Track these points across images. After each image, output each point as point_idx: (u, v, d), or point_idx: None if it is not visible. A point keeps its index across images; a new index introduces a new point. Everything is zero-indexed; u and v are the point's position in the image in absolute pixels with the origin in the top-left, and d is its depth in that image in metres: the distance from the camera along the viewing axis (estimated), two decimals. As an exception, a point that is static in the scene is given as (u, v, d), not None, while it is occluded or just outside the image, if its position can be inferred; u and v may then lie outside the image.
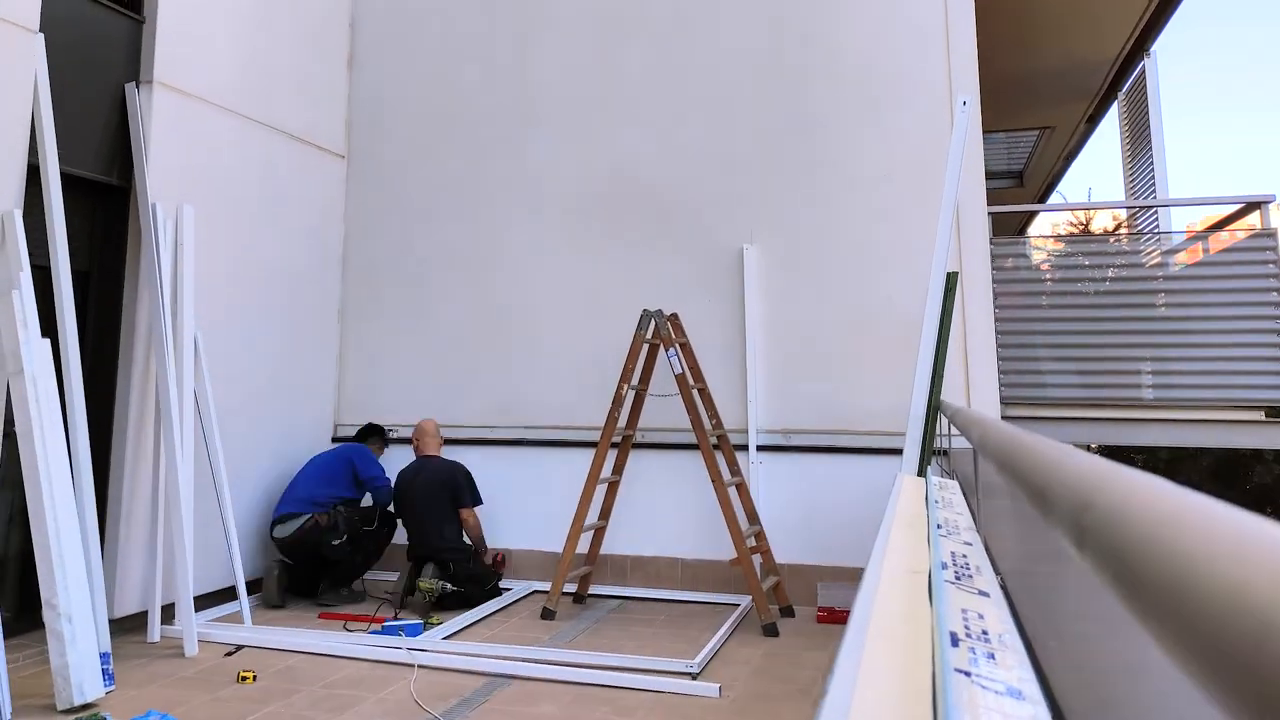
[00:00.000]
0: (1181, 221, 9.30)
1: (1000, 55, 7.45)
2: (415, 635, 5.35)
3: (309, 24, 7.22)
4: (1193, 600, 0.39)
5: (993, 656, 1.12)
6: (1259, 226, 6.59)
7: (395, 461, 6.72)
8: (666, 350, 6.08)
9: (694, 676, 4.66)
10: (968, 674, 1.01)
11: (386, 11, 7.76)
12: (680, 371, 5.99)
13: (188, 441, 5.47)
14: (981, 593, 1.55)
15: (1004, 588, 1.78)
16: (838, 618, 5.68)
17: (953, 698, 0.90)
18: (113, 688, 4.43)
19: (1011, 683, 1.01)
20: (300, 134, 7.06)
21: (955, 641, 1.15)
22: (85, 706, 4.20)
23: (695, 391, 6.05)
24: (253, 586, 6.13)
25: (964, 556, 1.86)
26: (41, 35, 4.95)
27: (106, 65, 5.60)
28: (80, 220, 5.42)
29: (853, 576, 6.04)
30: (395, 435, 7.09)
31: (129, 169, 5.66)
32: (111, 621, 4.96)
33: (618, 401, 6.06)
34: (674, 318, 6.35)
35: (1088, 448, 7.13)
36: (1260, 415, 6.46)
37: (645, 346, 6.20)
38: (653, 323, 6.17)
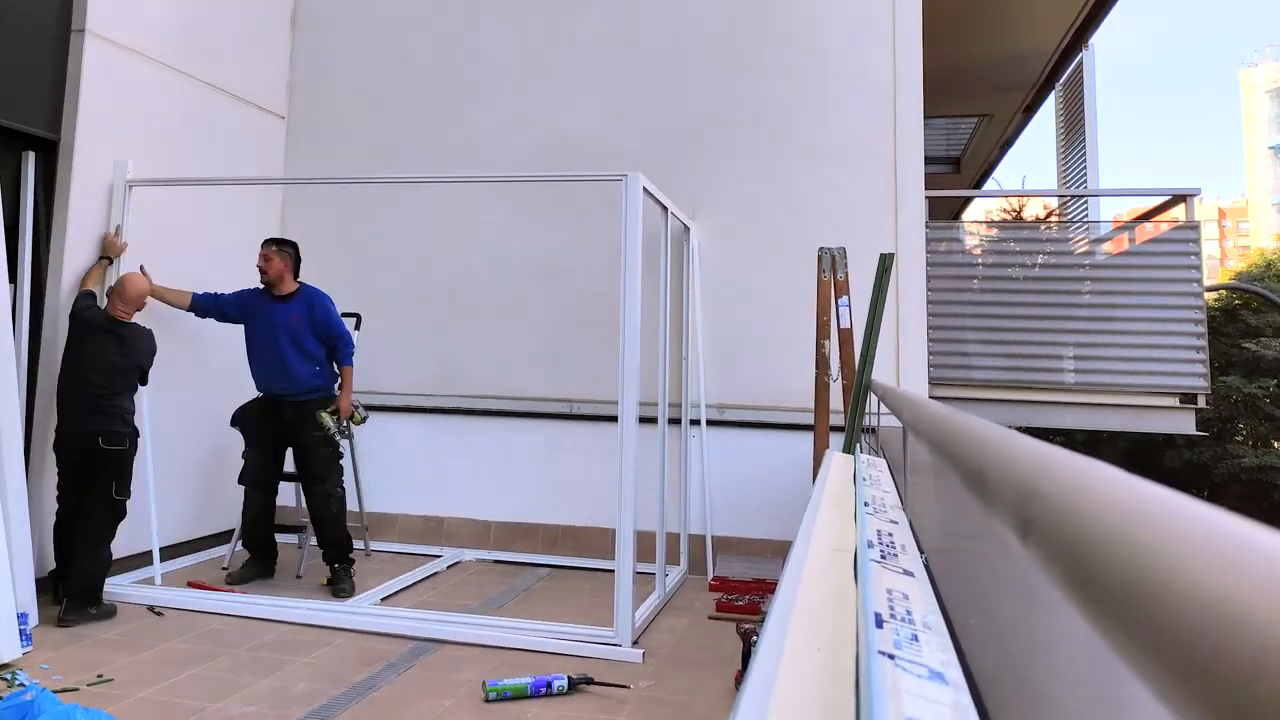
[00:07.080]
0: (1109, 212, 9.56)
1: (942, 43, 7.53)
2: None
3: (250, -22, 6.98)
4: (1169, 607, 0.36)
5: (916, 639, 1.15)
6: (1184, 219, 6.79)
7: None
8: (838, 299, 5.37)
9: (634, 643, 4.69)
10: (892, 656, 1.04)
11: (331, -32, 7.53)
12: (848, 325, 5.37)
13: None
14: (906, 572, 1.59)
15: (927, 566, 1.83)
16: (729, 587, 5.82)
17: (876, 682, 0.93)
18: (30, 648, 4.34)
19: (934, 666, 1.04)
20: (239, 93, 6.83)
21: (880, 623, 1.17)
22: (2, 667, 4.11)
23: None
24: (177, 549, 6.06)
25: (890, 535, 1.90)
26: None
27: (36, 14, 5.35)
28: (6, 174, 5.21)
29: (778, 550, 6.17)
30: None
31: (59, 121, 5.45)
32: (39, 580, 4.85)
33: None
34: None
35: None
36: (1175, 401, 6.69)
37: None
38: (831, 258, 5.41)
